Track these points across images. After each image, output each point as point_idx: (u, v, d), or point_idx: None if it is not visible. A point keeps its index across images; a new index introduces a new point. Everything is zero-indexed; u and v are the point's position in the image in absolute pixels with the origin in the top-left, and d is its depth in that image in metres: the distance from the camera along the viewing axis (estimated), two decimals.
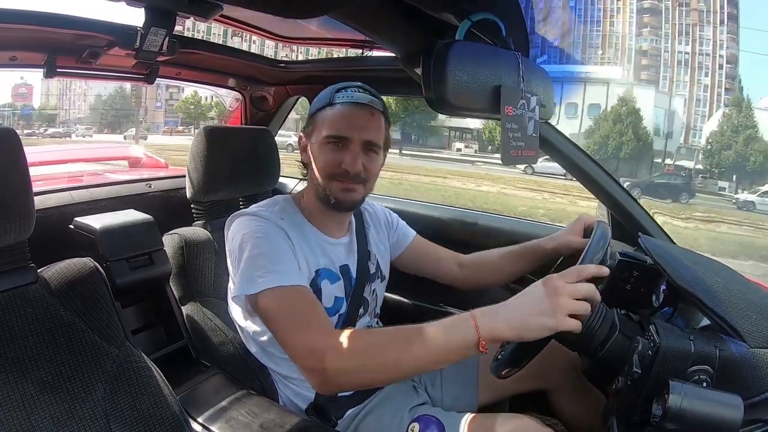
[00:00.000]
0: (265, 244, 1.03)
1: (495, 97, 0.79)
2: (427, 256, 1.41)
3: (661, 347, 0.79)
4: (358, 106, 1.10)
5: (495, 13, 0.81)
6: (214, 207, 1.58)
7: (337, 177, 1.09)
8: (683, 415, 0.71)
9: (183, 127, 27.68)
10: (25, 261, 0.91)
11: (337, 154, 1.09)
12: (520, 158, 0.87)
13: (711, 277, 0.93)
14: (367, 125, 1.10)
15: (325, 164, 1.09)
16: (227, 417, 1.10)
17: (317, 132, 1.11)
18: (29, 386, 0.83)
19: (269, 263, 0.99)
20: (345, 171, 1.08)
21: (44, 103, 27.17)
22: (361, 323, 1.23)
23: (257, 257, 1.00)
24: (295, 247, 1.08)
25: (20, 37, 1.16)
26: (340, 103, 1.10)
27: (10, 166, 0.82)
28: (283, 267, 1.00)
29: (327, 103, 1.11)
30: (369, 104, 1.11)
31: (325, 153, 1.09)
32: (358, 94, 1.11)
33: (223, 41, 1.93)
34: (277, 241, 1.04)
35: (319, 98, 1.14)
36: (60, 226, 1.39)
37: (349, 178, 1.09)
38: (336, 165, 1.08)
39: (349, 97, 1.10)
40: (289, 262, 1.03)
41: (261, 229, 1.05)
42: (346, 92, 1.11)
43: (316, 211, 1.17)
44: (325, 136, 1.09)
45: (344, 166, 1.08)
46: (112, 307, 0.95)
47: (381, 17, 0.89)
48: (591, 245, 0.97)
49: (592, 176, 1.43)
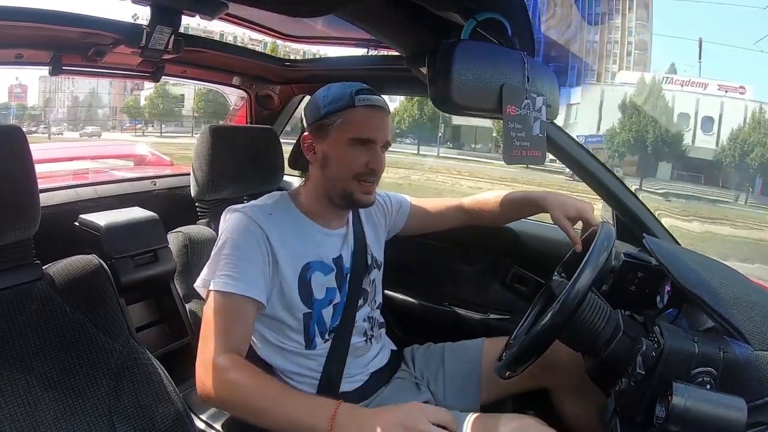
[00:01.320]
0: (236, 246, 1.06)
1: (500, 96, 0.79)
2: (429, 215, 1.46)
3: (665, 349, 0.78)
4: (378, 108, 1.14)
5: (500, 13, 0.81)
6: (218, 205, 1.59)
7: (361, 177, 1.13)
8: (686, 417, 0.71)
9: (141, 125, 27.60)
10: (30, 258, 0.91)
11: (363, 154, 1.12)
12: (524, 158, 0.86)
13: (715, 278, 0.93)
14: (387, 128, 1.15)
15: (350, 164, 1.12)
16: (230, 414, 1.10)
17: (338, 133, 1.12)
18: (33, 382, 0.83)
19: (230, 267, 1.04)
20: (371, 170, 1.13)
21: (30, 104, 27.61)
22: (361, 313, 1.23)
23: (224, 258, 1.05)
24: (276, 247, 1.09)
25: (26, 35, 1.17)
26: (363, 106, 1.12)
27: (15, 164, 0.83)
28: (242, 275, 1.04)
29: (348, 105, 1.12)
30: (384, 107, 1.15)
31: (352, 153, 1.12)
32: (374, 96, 1.14)
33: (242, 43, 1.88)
34: (249, 246, 1.07)
35: (333, 98, 1.14)
36: (65, 223, 1.40)
37: (373, 176, 1.14)
38: (362, 165, 1.12)
39: (369, 100, 1.12)
40: (251, 270, 1.06)
41: (238, 230, 1.08)
42: (364, 95, 1.13)
43: (316, 207, 1.19)
44: (352, 137, 1.11)
45: (371, 165, 1.12)
46: (116, 304, 0.96)
47: (386, 16, 0.89)
48: (595, 246, 0.97)
49: (597, 177, 1.43)
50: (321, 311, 1.15)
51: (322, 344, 1.16)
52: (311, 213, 1.19)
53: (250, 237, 1.07)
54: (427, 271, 1.82)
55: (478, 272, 1.76)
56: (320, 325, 1.15)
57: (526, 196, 1.36)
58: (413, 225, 1.44)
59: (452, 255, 1.78)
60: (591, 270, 0.91)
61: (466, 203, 1.44)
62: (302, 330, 1.13)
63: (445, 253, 1.78)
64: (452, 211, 1.45)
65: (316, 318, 1.14)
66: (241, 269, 1.04)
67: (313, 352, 1.15)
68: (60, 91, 26.18)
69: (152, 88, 25.37)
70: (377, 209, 1.36)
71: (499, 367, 1.01)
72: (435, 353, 1.36)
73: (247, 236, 1.07)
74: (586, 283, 0.89)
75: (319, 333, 1.15)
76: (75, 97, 26.64)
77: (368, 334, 1.25)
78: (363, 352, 1.23)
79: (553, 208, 1.25)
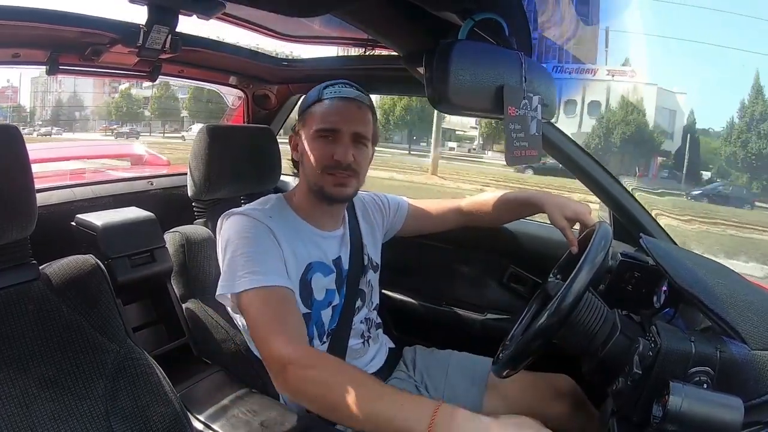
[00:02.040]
0: (250, 244, 1.05)
1: (497, 96, 0.79)
2: (427, 216, 1.46)
3: (662, 348, 0.79)
4: (346, 100, 1.13)
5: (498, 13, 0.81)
6: (215, 205, 1.58)
7: (330, 170, 1.11)
8: (683, 417, 0.71)
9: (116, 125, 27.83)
10: (26, 258, 0.91)
11: (328, 146, 1.11)
12: (523, 158, 0.86)
13: (712, 278, 0.93)
14: (355, 118, 1.13)
15: (317, 157, 1.12)
16: (228, 415, 1.10)
17: (307, 127, 1.14)
18: (30, 383, 0.83)
19: (252, 263, 1.02)
20: (337, 162, 1.10)
21: (14, 106, 27.79)
22: (359, 315, 1.23)
23: (241, 257, 1.03)
24: (283, 244, 1.09)
25: (23, 34, 1.16)
26: (329, 99, 1.13)
27: (12, 163, 0.82)
28: (266, 267, 1.02)
29: (316, 100, 1.14)
30: (356, 98, 1.14)
31: (317, 146, 1.12)
32: (345, 89, 1.14)
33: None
34: (263, 241, 1.06)
35: (307, 97, 1.17)
36: (62, 223, 1.39)
37: (341, 168, 1.11)
38: (328, 157, 1.11)
39: (337, 93, 1.13)
40: (273, 262, 1.05)
41: (247, 229, 1.07)
42: (334, 88, 1.14)
43: (308, 207, 1.19)
44: (316, 129, 1.12)
45: (336, 157, 1.10)
46: (113, 304, 0.95)
47: (384, 16, 0.89)
48: (592, 246, 0.97)
49: (593, 176, 1.43)
50: (320, 312, 1.15)
51: (320, 346, 1.15)
52: (305, 214, 1.19)
53: (261, 233, 1.07)
54: (425, 271, 1.82)
55: (476, 272, 1.76)
56: (318, 327, 1.15)
57: (525, 196, 1.36)
58: (411, 226, 1.44)
59: (450, 255, 1.78)
60: (588, 270, 0.91)
61: (464, 205, 1.44)
62: None
63: (442, 253, 1.78)
64: (450, 212, 1.45)
65: (315, 319, 1.14)
66: (263, 262, 1.03)
67: None
68: (48, 92, 26.48)
69: (117, 93, 25.93)
70: (375, 209, 1.36)
71: (496, 366, 1.01)
72: (439, 360, 1.35)
73: (257, 233, 1.07)
74: (583, 282, 0.89)
75: (317, 335, 1.15)
76: (59, 98, 27.02)
77: (365, 336, 1.25)
78: (360, 354, 1.23)
79: (551, 209, 1.25)
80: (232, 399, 1.15)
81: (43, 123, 25.28)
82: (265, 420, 1.06)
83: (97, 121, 27.98)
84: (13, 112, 26.30)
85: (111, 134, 25.70)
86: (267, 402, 1.13)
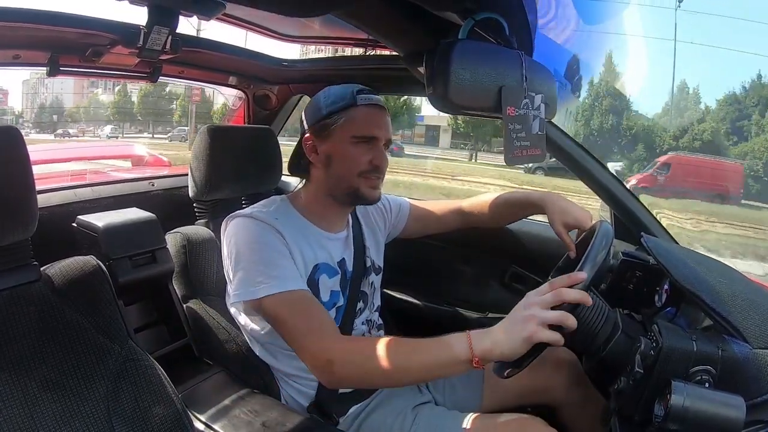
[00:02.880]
0: (263, 249, 1.05)
1: (498, 96, 0.79)
2: (429, 218, 1.46)
3: (664, 347, 0.78)
4: (379, 107, 1.15)
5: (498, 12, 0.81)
6: (216, 206, 1.59)
7: (367, 174, 1.13)
8: (685, 416, 0.71)
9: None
10: (27, 259, 0.91)
11: (367, 152, 1.13)
12: (525, 158, 0.86)
13: (714, 277, 0.93)
14: (388, 126, 1.16)
15: (356, 162, 1.13)
16: (230, 415, 1.10)
17: (341, 132, 1.12)
18: (31, 384, 0.83)
19: (269, 269, 1.02)
20: (375, 167, 1.13)
21: (11, 108, 28.25)
22: (361, 318, 1.23)
23: (256, 263, 1.03)
24: (291, 246, 1.09)
25: (23, 36, 1.16)
26: (364, 105, 1.13)
27: (12, 164, 0.82)
28: (283, 272, 1.03)
29: (350, 104, 1.12)
30: (384, 106, 1.16)
31: (356, 151, 1.13)
32: (374, 96, 1.15)
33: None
34: (274, 245, 1.06)
35: (334, 99, 1.14)
36: (63, 224, 1.39)
37: (379, 173, 1.15)
38: (367, 162, 1.13)
39: (369, 99, 1.14)
40: (288, 266, 1.05)
41: (256, 233, 1.07)
42: (364, 94, 1.14)
43: (318, 209, 1.19)
44: (355, 135, 1.12)
45: (375, 162, 1.13)
46: (114, 305, 0.95)
47: (384, 16, 0.89)
48: (594, 245, 0.97)
49: (595, 176, 1.43)
50: None
51: None
52: (312, 216, 1.18)
53: (270, 237, 1.07)
54: (427, 271, 1.83)
55: (477, 272, 1.76)
56: None
57: (526, 197, 1.36)
58: (413, 227, 1.44)
59: (451, 255, 1.78)
60: (589, 269, 0.91)
61: (466, 205, 1.44)
62: None
63: (443, 252, 1.78)
64: (452, 213, 1.45)
65: None
66: (279, 266, 1.04)
67: None
68: (38, 94, 26.74)
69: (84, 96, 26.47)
70: (376, 212, 1.36)
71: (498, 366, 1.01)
72: None
73: (267, 237, 1.07)
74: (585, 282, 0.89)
75: None
76: (42, 102, 27.33)
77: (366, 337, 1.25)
78: None
79: (551, 213, 1.25)
80: (233, 399, 1.15)
81: (33, 125, 25.53)
82: (267, 420, 1.06)
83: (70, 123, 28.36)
84: (2, 115, 26.63)
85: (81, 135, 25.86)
86: (269, 402, 1.13)
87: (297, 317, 0.99)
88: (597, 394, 1.13)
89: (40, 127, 25.08)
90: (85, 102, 28.12)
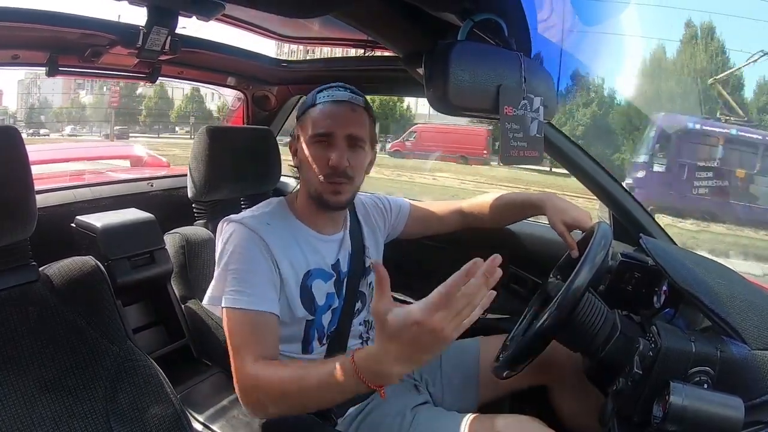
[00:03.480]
0: (242, 260, 1.05)
1: (497, 97, 0.79)
2: (429, 218, 1.46)
3: (662, 348, 0.79)
4: (339, 103, 1.12)
5: (497, 13, 0.81)
6: (215, 206, 1.59)
7: (327, 177, 1.10)
8: (684, 417, 0.71)
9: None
10: (26, 259, 0.91)
11: (323, 151, 1.10)
12: (521, 158, 0.86)
13: (712, 278, 0.93)
14: (348, 120, 1.11)
15: (313, 163, 1.11)
16: (228, 416, 1.10)
17: (303, 133, 1.13)
18: (30, 384, 0.83)
19: (239, 282, 1.02)
20: (333, 168, 1.08)
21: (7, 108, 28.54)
22: (359, 318, 1.23)
23: (231, 273, 1.04)
24: (278, 256, 1.08)
25: (23, 36, 1.16)
26: (322, 103, 1.12)
27: (11, 164, 0.82)
28: (252, 289, 1.02)
29: (310, 105, 1.13)
30: (349, 101, 1.12)
31: (313, 151, 1.11)
32: (338, 92, 1.13)
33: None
34: (254, 258, 1.05)
35: (303, 102, 1.16)
36: (62, 224, 1.39)
37: (337, 175, 1.09)
38: (323, 162, 1.09)
39: (330, 96, 1.12)
40: (260, 283, 1.04)
41: (241, 242, 1.06)
42: (328, 92, 1.13)
43: (309, 211, 1.18)
44: (311, 135, 1.11)
45: (331, 162, 1.08)
46: (113, 306, 0.95)
47: (383, 17, 0.89)
48: (592, 246, 0.97)
49: (593, 177, 1.43)
50: (321, 316, 1.15)
51: (319, 348, 1.15)
52: (306, 218, 1.18)
53: (253, 248, 1.06)
54: (424, 271, 1.81)
55: None
56: (319, 331, 1.15)
57: (526, 198, 1.36)
58: (413, 228, 1.44)
59: (449, 255, 1.77)
60: (588, 270, 0.91)
61: (466, 206, 1.44)
62: (301, 336, 1.13)
63: (442, 253, 1.77)
64: (452, 214, 1.45)
65: (317, 324, 1.14)
66: (251, 283, 1.03)
67: (310, 357, 1.14)
68: (30, 94, 26.87)
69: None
70: (376, 212, 1.36)
71: (496, 367, 1.01)
72: None
73: (250, 248, 1.06)
74: (583, 282, 0.89)
75: (317, 338, 1.15)
76: (31, 103, 27.48)
77: (364, 337, 1.25)
78: None
79: (551, 213, 1.25)
80: (232, 400, 1.15)
81: (26, 125, 25.63)
82: (265, 421, 1.06)
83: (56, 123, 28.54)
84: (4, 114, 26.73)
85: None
86: None
87: (241, 337, 1.00)
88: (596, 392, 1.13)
89: (30, 126, 25.22)
90: (68, 103, 28.29)
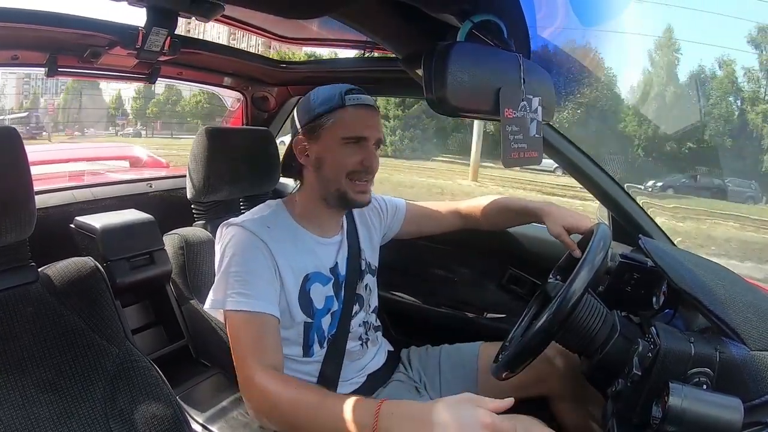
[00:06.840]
0: (243, 262, 1.05)
1: (496, 98, 0.79)
2: (427, 219, 1.46)
3: (662, 349, 0.78)
4: (368, 107, 1.14)
5: (496, 15, 0.81)
6: (214, 207, 1.58)
7: (355, 176, 1.12)
8: (683, 418, 0.71)
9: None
10: (25, 260, 0.91)
11: (356, 153, 1.11)
12: (522, 160, 0.86)
13: (711, 279, 0.93)
14: (377, 124, 1.15)
15: (345, 163, 1.12)
16: (227, 417, 1.10)
17: (330, 133, 1.12)
18: (29, 385, 0.83)
19: (241, 285, 1.02)
20: (366, 167, 1.12)
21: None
22: (357, 319, 1.23)
23: (233, 275, 1.04)
24: (278, 259, 1.08)
25: (22, 36, 1.16)
26: (353, 105, 1.12)
27: (10, 165, 0.82)
28: (255, 291, 1.03)
29: (338, 105, 1.12)
30: (373, 105, 1.15)
31: (345, 153, 1.11)
32: (363, 96, 1.14)
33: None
34: (256, 260, 1.06)
35: (322, 100, 1.13)
36: (61, 225, 1.39)
37: (365, 174, 1.13)
38: (357, 163, 1.11)
39: (358, 99, 1.13)
40: (262, 285, 1.04)
41: (243, 246, 1.06)
42: (353, 94, 1.13)
43: (311, 213, 1.18)
44: (344, 137, 1.11)
45: (365, 163, 1.11)
46: (112, 307, 0.95)
47: (382, 18, 0.89)
48: (591, 247, 0.97)
49: (592, 177, 1.43)
50: (320, 320, 1.14)
51: (319, 350, 1.15)
52: (307, 221, 1.18)
53: (255, 251, 1.06)
54: (424, 273, 1.82)
55: (475, 274, 1.76)
56: (319, 334, 1.14)
57: (524, 206, 1.35)
58: (409, 229, 1.44)
59: (449, 256, 1.78)
60: (587, 271, 0.91)
61: (463, 208, 1.44)
62: (301, 340, 1.13)
63: (441, 254, 1.78)
64: (448, 215, 1.45)
65: (316, 327, 1.14)
66: (253, 285, 1.03)
67: (310, 359, 1.14)
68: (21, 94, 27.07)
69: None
70: (372, 212, 1.36)
71: (495, 367, 1.01)
72: (432, 356, 1.36)
73: (251, 250, 1.06)
74: (583, 283, 0.89)
75: (317, 341, 1.14)
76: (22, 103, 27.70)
77: (363, 339, 1.25)
78: (359, 356, 1.23)
79: (549, 222, 1.25)
80: (231, 401, 1.15)
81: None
82: None
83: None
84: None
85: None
86: None
87: (246, 339, 1.00)
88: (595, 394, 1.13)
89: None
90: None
